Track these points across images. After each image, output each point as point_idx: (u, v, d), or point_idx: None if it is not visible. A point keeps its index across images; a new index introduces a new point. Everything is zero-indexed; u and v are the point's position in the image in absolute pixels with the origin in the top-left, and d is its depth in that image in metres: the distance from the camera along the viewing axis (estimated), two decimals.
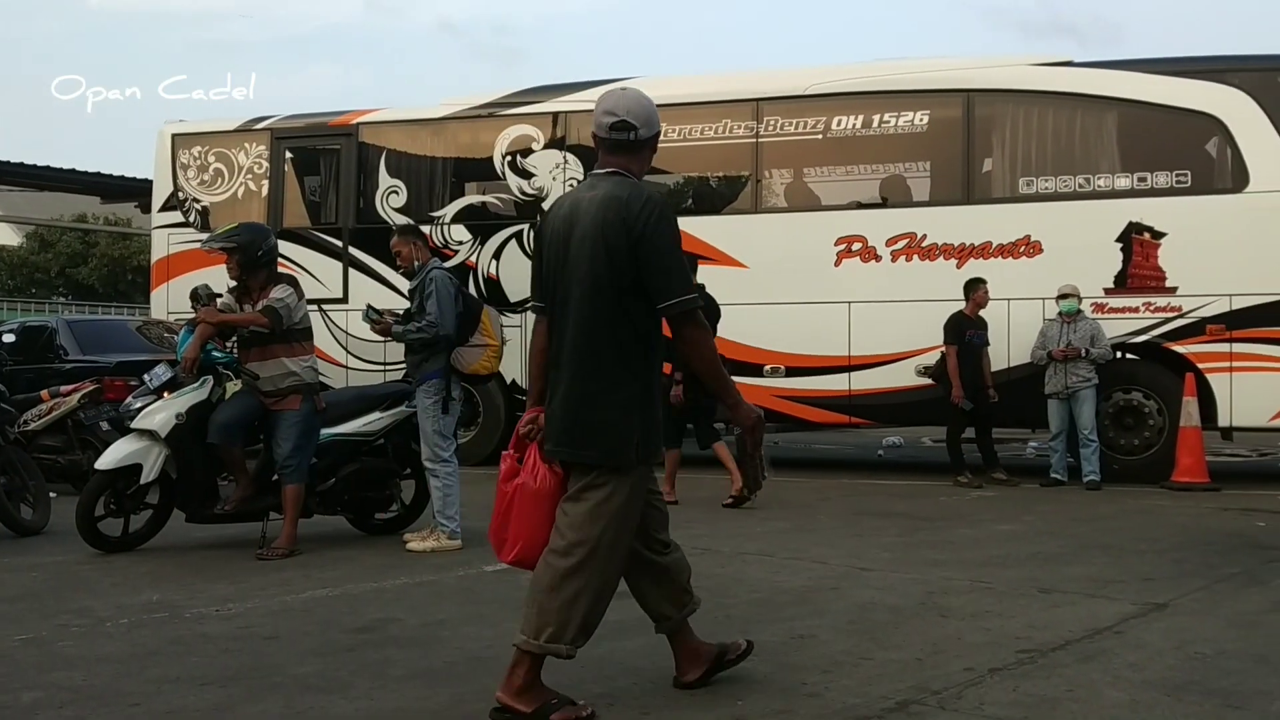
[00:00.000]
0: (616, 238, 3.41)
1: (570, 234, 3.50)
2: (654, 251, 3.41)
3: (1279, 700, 3.64)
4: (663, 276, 3.42)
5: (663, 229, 3.44)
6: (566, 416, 3.50)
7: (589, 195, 3.54)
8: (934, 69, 11.12)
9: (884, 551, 6.59)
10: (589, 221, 3.46)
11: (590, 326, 3.46)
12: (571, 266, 3.48)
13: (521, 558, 3.64)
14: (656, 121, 3.64)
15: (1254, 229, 9.75)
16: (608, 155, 3.61)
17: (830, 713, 3.54)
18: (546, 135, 11.77)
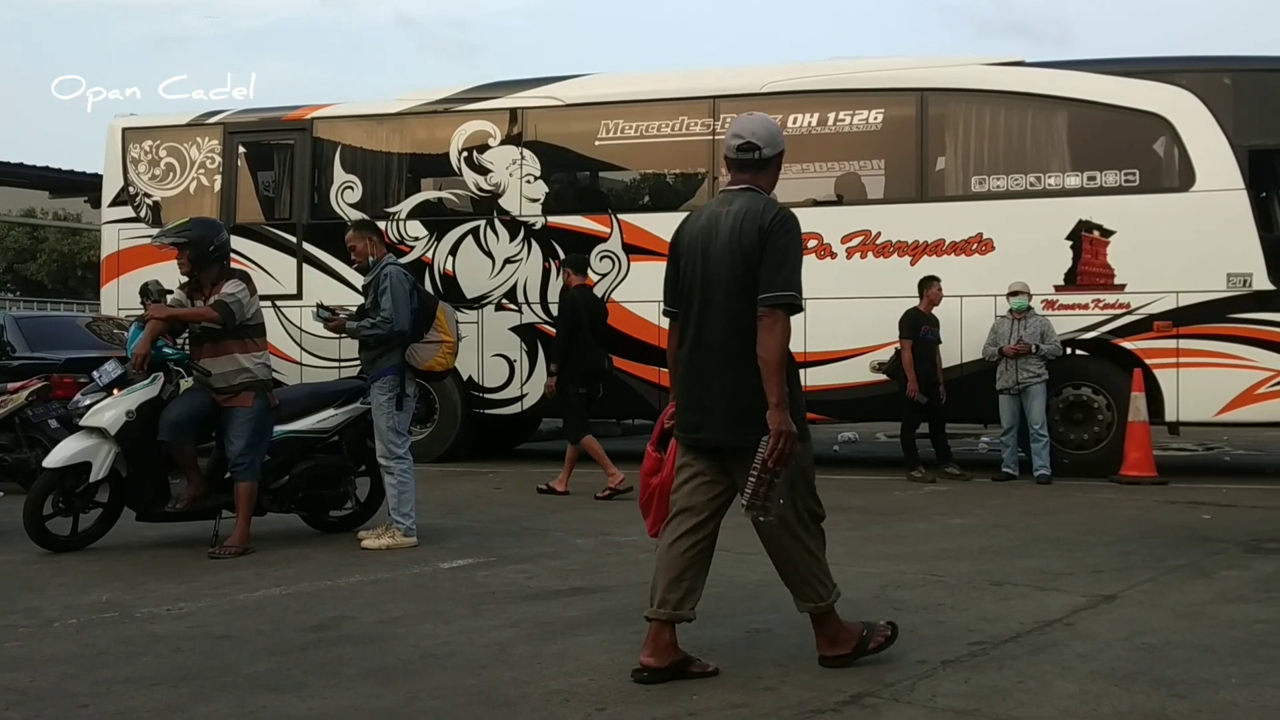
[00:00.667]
0: (753, 246, 3.78)
1: (708, 245, 3.86)
2: (775, 251, 3.77)
3: (1224, 689, 3.72)
4: (774, 271, 3.74)
5: (789, 236, 3.83)
6: (731, 407, 3.77)
7: (724, 210, 3.90)
8: (889, 68, 11.21)
9: (838, 545, 6.57)
10: (727, 233, 3.82)
11: (737, 324, 3.78)
12: (712, 273, 3.84)
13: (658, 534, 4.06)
14: (779, 140, 4.03)
15: (1200, 227, 9.92)
16: (737, 173, 3.97)
17: (785, 706, 3.57)
18: (503, 131, 11.73)
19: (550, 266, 11.44)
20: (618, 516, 7.86)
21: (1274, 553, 6.37)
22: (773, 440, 3.64)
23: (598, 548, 6.57)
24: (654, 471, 4.04)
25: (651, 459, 4.07)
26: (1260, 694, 3.65)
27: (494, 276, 11.60)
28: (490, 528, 7.36)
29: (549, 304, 11.45)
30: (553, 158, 11.70)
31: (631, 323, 11.25)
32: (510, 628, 4.63)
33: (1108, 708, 3.53)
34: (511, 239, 11.57)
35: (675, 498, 3.94)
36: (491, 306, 11.60)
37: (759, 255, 3.75)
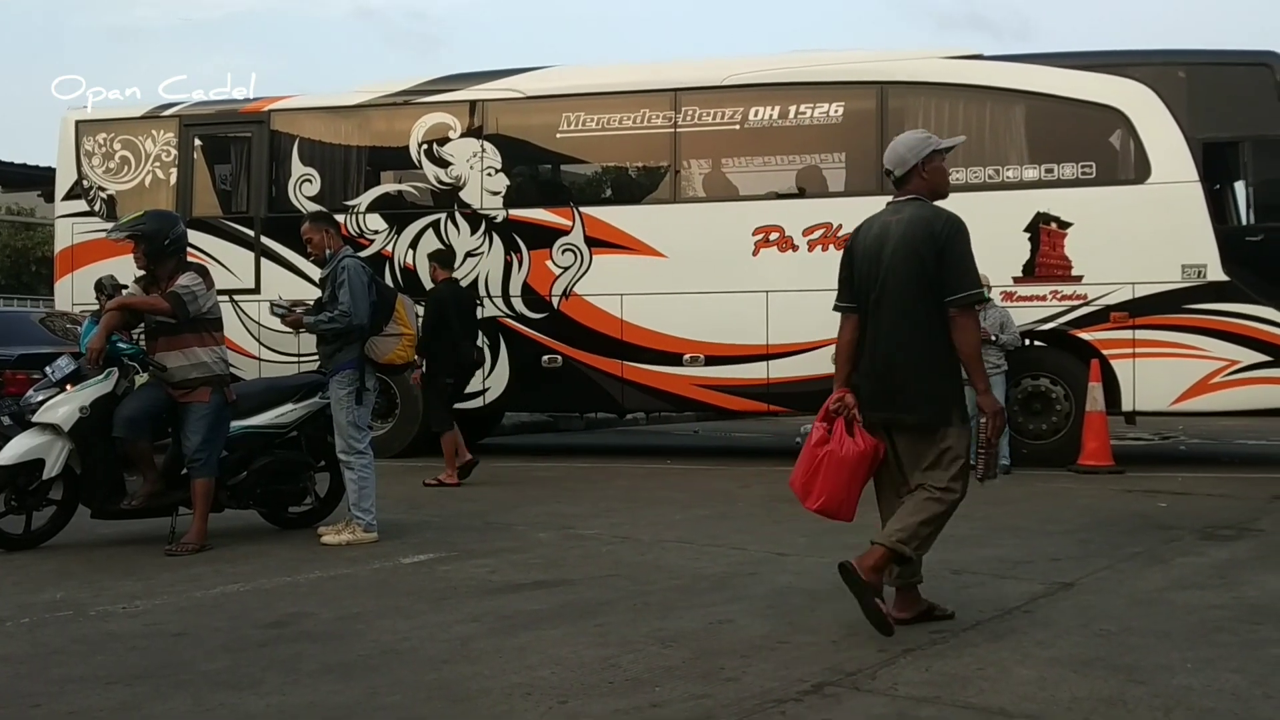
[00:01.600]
0: (925, 249, 4.27)
1: (882, 249, 4.36)
2: (953, 256, 4.28)
3: (1180, 674, 3.76)
4: (957, 275, 4.27)
5: (961, 241, 4.32)
6: (905, 389, 4.31)
7: (895, 219, 4.41)
8: (849, 61, 11.24)
9: (801, 537, 6.65)
10: (899, 237, 4.33)
11: (911, 318, 4.31)
12: (886, 273, 4.33)
13: (825, 507, 4.52)
14: (909, 155, 4.45)
15: (1155, 219, 10.04)
16: (898, 189, 4.52)
17: (747, 696, 3.57)
18: (464, 123, 11.65)
19: (512, 260, 11.39)
20: (582, 510, 7.85)
21: (1228, 540, 6.46)
22: (990, 419, 4.26)
23: (560, 541, 6.55)
24: (823, 443, 4.47)
25: (820, 430, 4.51)
26: (1215, 678, 3.70)
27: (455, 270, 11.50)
28: (452, 522, 7.31)
29: (512, 298, 11.40)
30: (514, 150, 11.64)
31: (593, 316, 11.23)
32: (472, 622, 4.60)
33: (1065, 694, 3.56)
34: (473, 232, 11.51)
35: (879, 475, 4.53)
36: None
37: (932, 258, 4.26)
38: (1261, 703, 3.45)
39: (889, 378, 4.35)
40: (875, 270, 4.38)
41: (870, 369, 4.42)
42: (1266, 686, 3.61)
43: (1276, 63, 10.03)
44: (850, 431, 4.40)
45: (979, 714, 3.39)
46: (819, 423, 4.52)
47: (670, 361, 11.09)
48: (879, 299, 4.37)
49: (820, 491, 4.47)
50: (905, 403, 4.32)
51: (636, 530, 6.91)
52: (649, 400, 11.58)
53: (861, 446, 4.38)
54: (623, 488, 9.19)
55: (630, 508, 7.99)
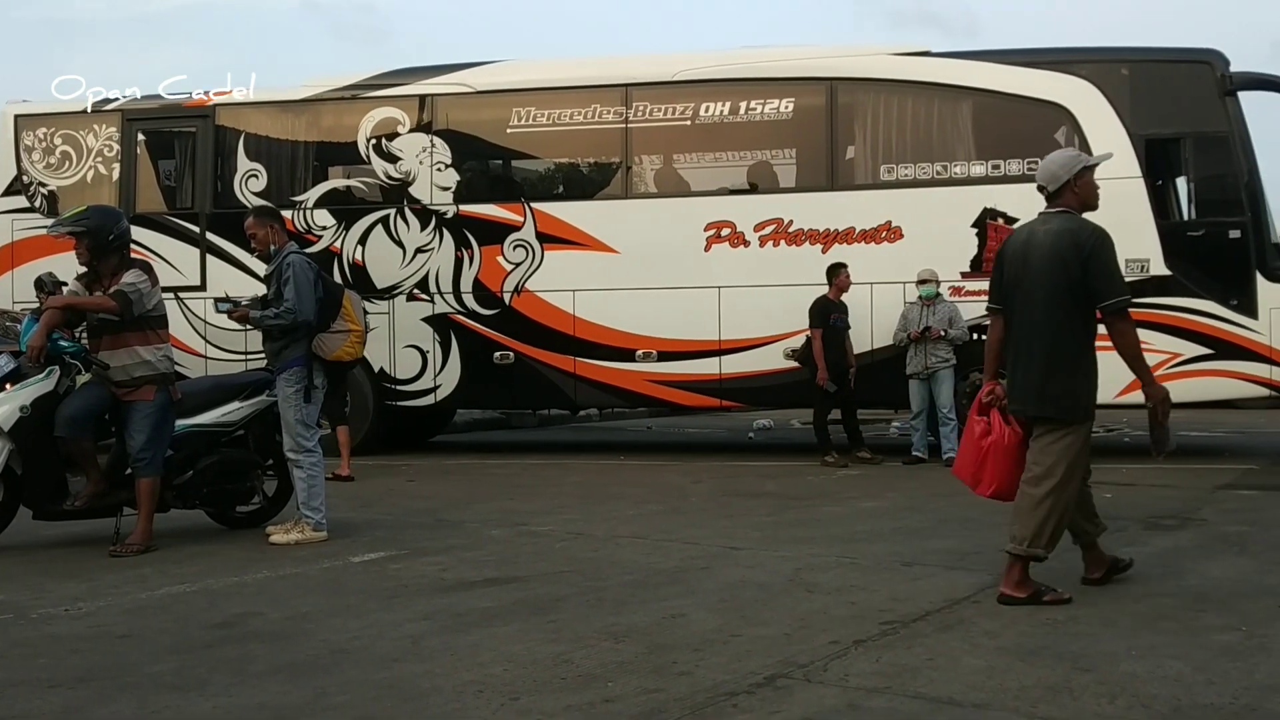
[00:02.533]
0: (1071, 257, 4.64)
1: (1029, 255, 4.75)
2: (1100, 265, 4.65)
3: (1125, 662, 3.82)
4: (1106, 283, 4.66)
5: (1104, 249, 4.68)
6: (1044, 385, 4.67)
7: (1043, 228, 4.81)
8: (799, 57, 11.30)
9: (754, 530, 6.69)
10: (1048, 246, 4.71)
11: (1055, 319, 4.68)
12: (1033, 278, 4.72)
13: (997, 493, 4.89)
14: (1062, 171, 4.84)
15: (1099, 214, 10.03)
16: (1050, 202, 4.87)
17: (700, 690, 3.57)
18: (413, 118, 11.56)
19: (463, 256, 11.33)
20: (535, 507, 7.82)
21: (1171, 529, 6.57)
22: (1159, 405, 4.72)
23: (513, 538, 6.52)
24: (985, 435, 4.89)
25: (980, 424, 4.91)
26: (1159, 665, 3.76)
27: (405, 266, 11.44)
28: (403, 520, 7.26)
29: (463, 294, 11.33)
30: (464, 145, 11.57)
31: (545, 312, 11.19)
32: (423, 620, 4.57)
33: (1013, 682, 3.60)
34: (423, 228, 11.43)
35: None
36: (403, 297, 11.45)
37: (1078, 266, 4.63)
38: (1204, 688, 3.51)
39: (1032, 374, 4.74)
40: (1023, 275, 4.78)
41: (1015, 365, 4.83)
42: (1209, 672, 3.67)
43: (1217, 60, 10.22)
44: (1007, 421, 4.84)
45: (929, 704, 3.42)
46: (976, 416, 4.95)
47: (623, 357, 11.09)
48: (1025, 302, 4.78)
49: (991, 479, 4.88)
50: (1045, 398, 4.70)
51: (590, 526, 6.90)
52: (602, 396, 11.57)
53: (1020, 434, 4.83)
54: (576, 484, 9.17)
55: (583, 504, 7.98)
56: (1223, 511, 7.20)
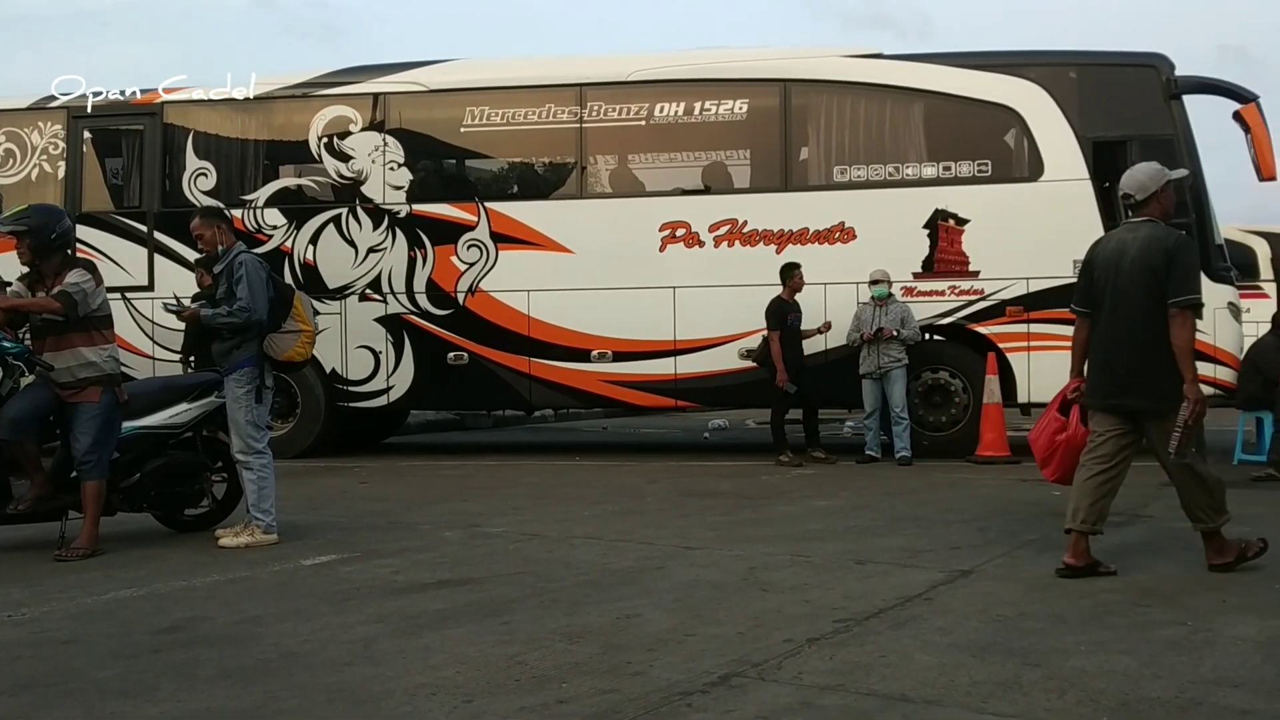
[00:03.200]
0: (1159, 262, 5.06)
1: (1120, 261, 5.18)
2: (1180, 266, 5.05)
3: (1074, 657, 3.86)
4: (1180, 282, 5.04)
5: (1186, 252, 5.13)
6: (1137, 381, 5.11)
7: (1132, 236, 5.22)
8: (753, 58, 11.34)
9: (709, 530, 6.70)
10: (1136, 253, 5.14)
11: (1143, 321, 5.09)
12: (1124, 281, 5.14)
13: (1059, 480, 5.70)
14: (1150, 183, 5.23)
15: (1048, 216, 10.32)
16: (1134, 212, 5.28)
17: (654, 690, 3.57)
18: (365, 117, 11.47)
19: (416, 255, 11.25)
20: (489, 508, 7.79)
21: (1119, 525, 6.66)
22: (1191, 406, 4.95)
23: (466, 540, 6.48)
24: (1060, 430, 5.55)
25: (1058, 421, 5.58)
26: (1107, 660, 3.81)
27: (357, 266, 11.34)
28: (355, 523, 7.19)
29: (416, 294, 11.26)
30: (417, 144, 11.49)
31: (500, 312, 11.15)
32: (375, 623, 4.53)
33: (964, 678, 3.64)
34: (375, 227, 11.33)
35: (1094, 447, 5.25)
36: (355, 297, 11.35)
37: (1165, 270, 5.03)
38: (1150, 682, 3.57)
39: (1123, 371, 5.15)
40: (1113, 279, 5.19)
41: (1104, 363, 5.24)
42: (1155, 667, 3.73)
43: (1162, 64, 10.40)
44: (1084, 421, 5.44)
45: (881, 701, 3.44)
46: (1055, 413, 5.62)
47: (578, 358, 11.08)
48: (1115, 304, 5.19)
49: (1057, 468, 5.66)
50: (1138, 392, 5.12)
51: (544, 527, 6.87)
52: (557, 397, 11.54)
53: (1085, 433, 5.40)
54: (531, 485, 9.14)
55: (538, 505, 7.95)
56: (1170, 508, 7.25)
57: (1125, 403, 5.17)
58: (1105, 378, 5.23)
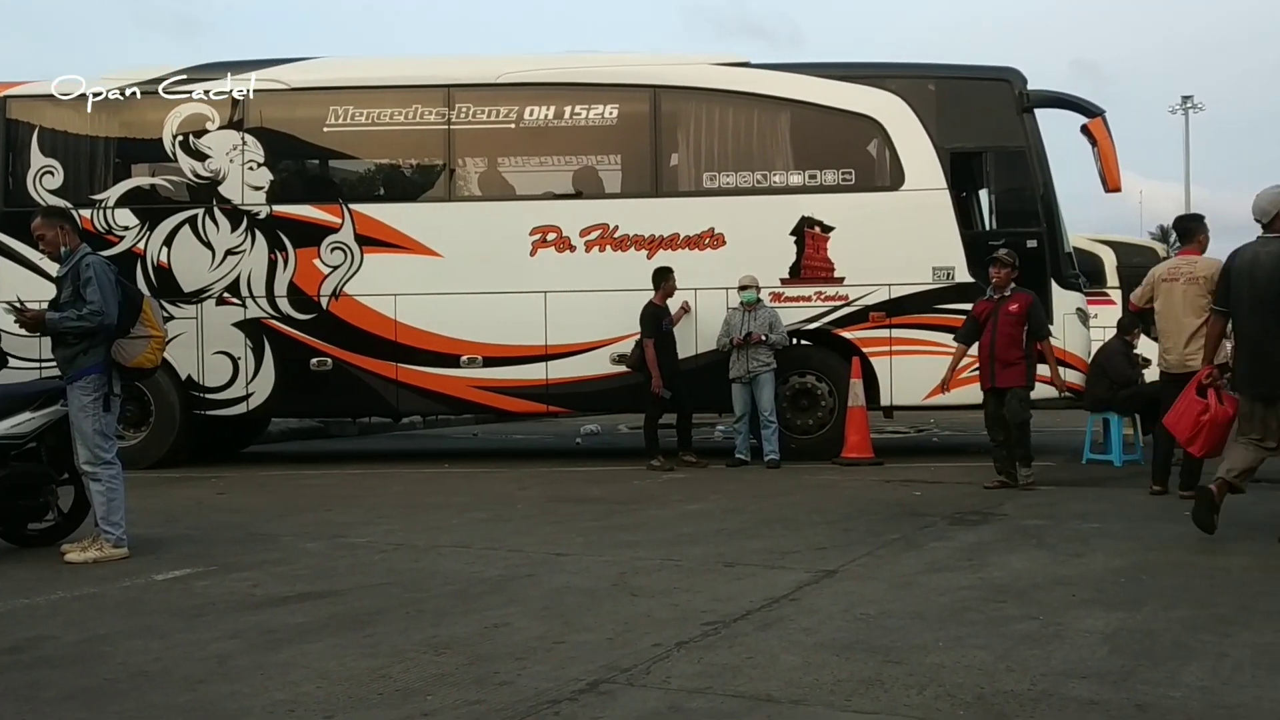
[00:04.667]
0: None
1: (1255, 271, 6.08)
2: None
3: (933, 653, 3.96)
4: None
5: None
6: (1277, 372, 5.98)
7: (1265, 250, 6.11)
8: (623, 64, 11.38)
9: (579, 536, 6.67)
10: (1271, 264, 6.03)
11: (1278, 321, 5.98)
12: (1261, 289, 6.02)
13: (1208, 454, 6.59)
14: (1270, 206, 6.10)
15: (909, 224, 10.64)
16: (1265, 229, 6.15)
17: (521, 699, 3.52)
18: (223, 115, 11.10)
19: (277, 258, 10.93)
20: (353, 518, 7.60)
21: (975, 524, 6.89)
22: None
23: (329, 551, 6.30)
24: (1204, 412, 6.35)
25: (1199, 403, 6.37)
26: (964, 655, 3.92)
27: (214, 269, 10.96)
28: (212, 535, 6.93)
29: (277, 298, 10.94)
30: (278, 144, 11.17)
31: (365, 317, 10.92)
32: (231, 639, 4.36)
33: (828, 677, 3.69)
34: (233, 229, 10.97)
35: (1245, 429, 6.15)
36: (212, 301, 10.96)
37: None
38: (1005, 676, 3.68)
39: (1266, 364, 5.98)
40: (1251, 287, 6.05)
41: (1250, 357, 6.12)
42: (1009, 660, 3.85)
43: (1015, 78, 10.82)
44: (1220, 400, 6.31)
45: (748, 702, 3.46)
46: (1195, 396, 6.42)
47: (447, 363, 10.92)
48: (1257, 308, 6.04)
49: (1204, 444, 6.45)
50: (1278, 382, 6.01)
51: (411, 536, 6.74)
52: (425, 403, 11.36)
53: (1230, 411, 6.27)
54: (398, 493, 8.96)
55: (405, 513, 7.80)
56: (1022, 506, 7.60)
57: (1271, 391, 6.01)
58: (1252, 370, 6.09)
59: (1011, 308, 8.69)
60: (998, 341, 8.66)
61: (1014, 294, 8.78)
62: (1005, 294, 8.77)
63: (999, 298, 8.79)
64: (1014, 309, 8.68)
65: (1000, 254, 8.91)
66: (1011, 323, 8.67)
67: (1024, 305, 8.71)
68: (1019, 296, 8.76)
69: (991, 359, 8.69)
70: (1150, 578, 5.18)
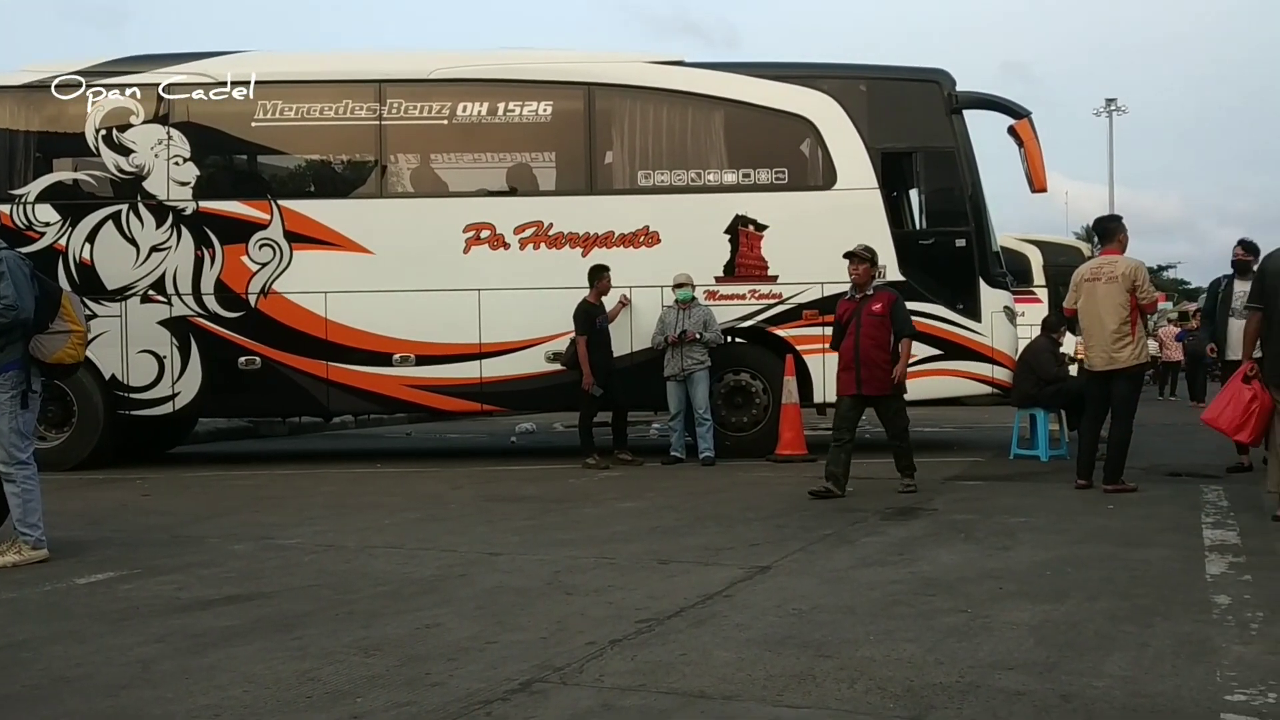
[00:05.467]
0: None
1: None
2: None
3: (863, 647, 4.00)
4: None
5: None
6: None
7: None
8: (557, 61, 11.34)
9: (514, 535, 6.63)
10: None
11: None
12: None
13: (1254, 441, 7.10)
14: None
15: (842, 223, 10.72)
16: None
17: (453, 700, 3.48)
18: (148, 109, 10.86)
19: (204, 255, 10.72)
20: (282, 519, 7.48)
21: (906, 519, 6.98)
22: None
23: (257, 552, 6.19)
24: (1254, 400, 6.80)
25: (1249, 391, 6.83)
26: (894, 648, 3.96)
27: (139, 266, 10.72)
28: (137, 538, 6.77)
29: (203, 295, 10.73)
30: (204, 139, 10.95)
31: (295, 315, 10.76)
32: (155, 643, 4.26)
33: (761, 672, 3.71)
34: (159, 225, 10.74)
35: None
36: (137, 298, 10.72)
37: None
38: (934, 668, 3.72)
39: None
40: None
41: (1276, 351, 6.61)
42: (938, 653, 3.90)
43: (944, 80, 10.97)
44: (1266, 389, 6.72)
45: (681, 699, 3.46)
46: (1242, 384, 6.88)
47: (379, 362, 10.80)
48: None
49: (1252, 430, 6.90)
50: None
51: (342, 537, 6.65)
52: (357, 402, 11.21)
53: (1269, 402, 6.73)
54: (328, 494, 8.84)
55: (336, 514, 7.69)
56: (952, 501, 7.71)
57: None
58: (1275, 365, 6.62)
59: (875, 307, 8.08)
60: (862, 344, 8.02)
61: (877, 292, 8.20)
62: (868, 293, 8.18)
63: (860, 297, 8.19)
64: (877, 309, 8.07)
65: (857, 248, 8.29)
66: (875, 324, 8.04)
67: (888, 304, 8.10)
68: (882, 295, 8.18)
69: (856, 363, 8.04)
70: (1075, 570, 5.29)
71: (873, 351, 8.04)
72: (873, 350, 8.04)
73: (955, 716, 3.25)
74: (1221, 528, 6.41)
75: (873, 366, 8.02)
